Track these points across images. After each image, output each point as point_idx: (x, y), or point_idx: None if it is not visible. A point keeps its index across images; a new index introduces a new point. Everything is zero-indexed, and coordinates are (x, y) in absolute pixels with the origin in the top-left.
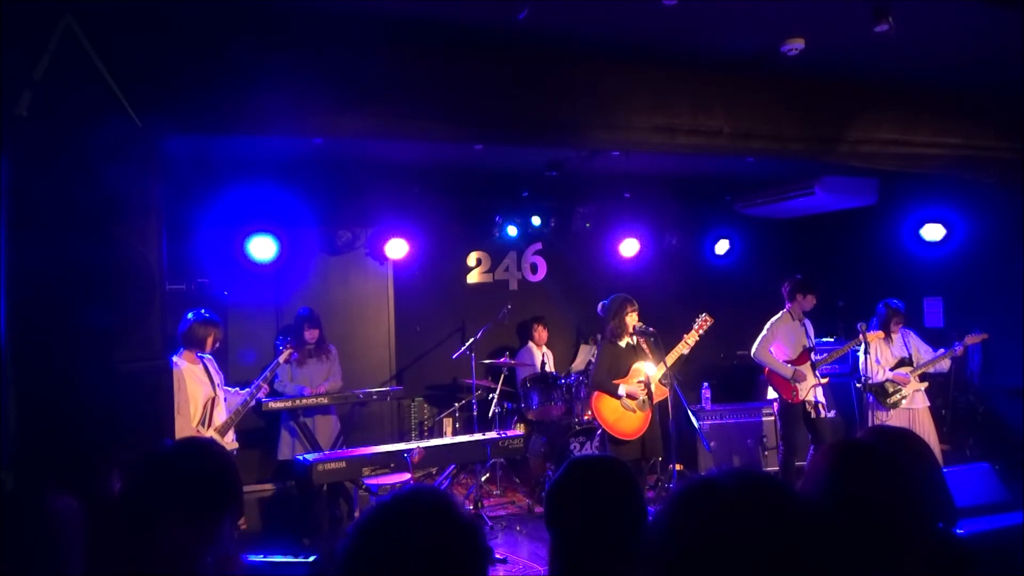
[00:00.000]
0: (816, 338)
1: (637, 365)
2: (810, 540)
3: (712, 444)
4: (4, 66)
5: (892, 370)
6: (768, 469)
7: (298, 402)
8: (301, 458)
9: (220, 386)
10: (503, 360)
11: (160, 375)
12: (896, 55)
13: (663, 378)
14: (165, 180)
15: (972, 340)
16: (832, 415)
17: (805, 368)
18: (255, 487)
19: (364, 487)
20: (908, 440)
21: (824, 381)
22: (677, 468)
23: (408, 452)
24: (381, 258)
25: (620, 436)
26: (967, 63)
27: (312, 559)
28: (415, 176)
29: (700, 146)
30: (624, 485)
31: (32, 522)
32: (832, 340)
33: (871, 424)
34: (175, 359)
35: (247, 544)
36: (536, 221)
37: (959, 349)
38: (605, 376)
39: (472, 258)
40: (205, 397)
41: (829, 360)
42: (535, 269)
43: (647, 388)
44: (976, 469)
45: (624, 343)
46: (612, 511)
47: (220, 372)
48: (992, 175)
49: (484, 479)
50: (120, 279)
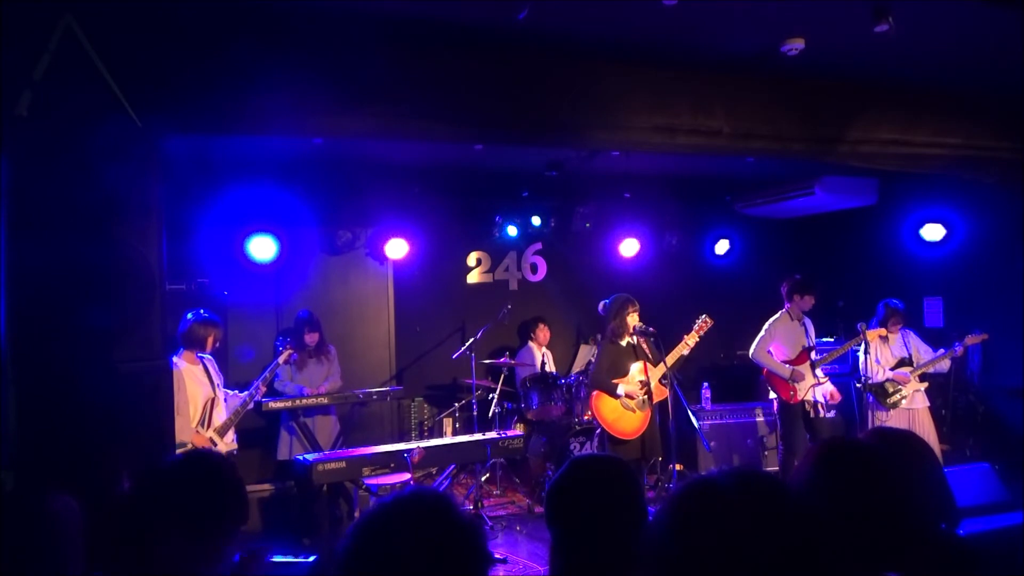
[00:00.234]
0: (816, 338)
1: (634, 365)
2: (810, 540)
3: (712, 444)
4: (4, 66)
5: (892, 370)
6: (768, 469)
7: (298, 402)
8: (301, 458)
9: (220, 386)
10: (503, 360)
11: (160, 375)
12: (896, 55)
13: (663, 378)
14: (165, 180)
15: (972, 340)
16: (832, 415)
17: (804, 368)
18: (255, 487)
19: (364, 487)
20: (909, 441)
21: (824, 381)
22: (677, 468)
23: (408, 452)
24: (381, 258)
25: (620, 436)
26: (967, 63)
27: (312, 559)
28: (415, 176)
29: (700, 146)
30: (625, 485)
31: (32, 522)
32: (832, 340)
33: (871, 424)
34: (175, 359)
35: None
36: (536, 221)
37: (959, 350)
38: (605, 376)
39: (472, 258)
40: (205, 398)
41: (828, 359)
42: (535, 269)
43: (646, 388)
44: (976, 469)
45: (625, 343)
46: (613, 510)
47: (220, 373)
48: (992, 175)
49: (484, 479)
50: (120, 279)
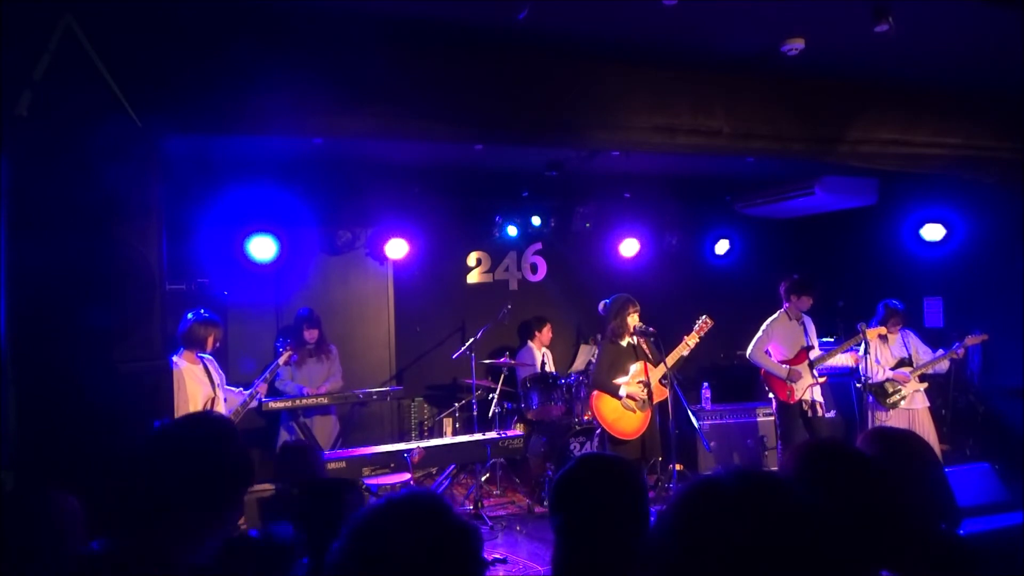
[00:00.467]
0: (817, 337)
1: (634, 366)
2: (814, 539)
3: (712, 444)
4: (4, 66)
5: (892, 370)
6: (768, 469)
7: (298, 402)
8: None
9: (220, 386)
10: (503, 360)
11: (160, 375)
12: (896, 55)
13: (663, 378)
14: (165, 180)
15: (972, 341)
16: (832, 415)
17: (802, 368)
18: (255, 487)
19: (364, 487)
20: (910, 441)
21: (822, 380)
22: (677, 468)
23: (408, 452)
24: (381, 258)
25: (620, 436)
26: (967, 63)
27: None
28: (415, 176)
29: (700, 146)
30: (631, 485)
31: (34, 521)
32: (832, 340)
33: (871, 424)
34: (175, 359)
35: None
36: (536, 221)
37: (959, 350)
38: (605, 376)
39: (472, 258)
40: (205, 397)
41: (827, 359)
42: (535, 269)
43: (647, 388)
44: (976, 469)
45: (625, 343)
46: (616, 507)
47: (221, 372)
48: (992, 175)
49: (484, 479)
50: (120, 279)
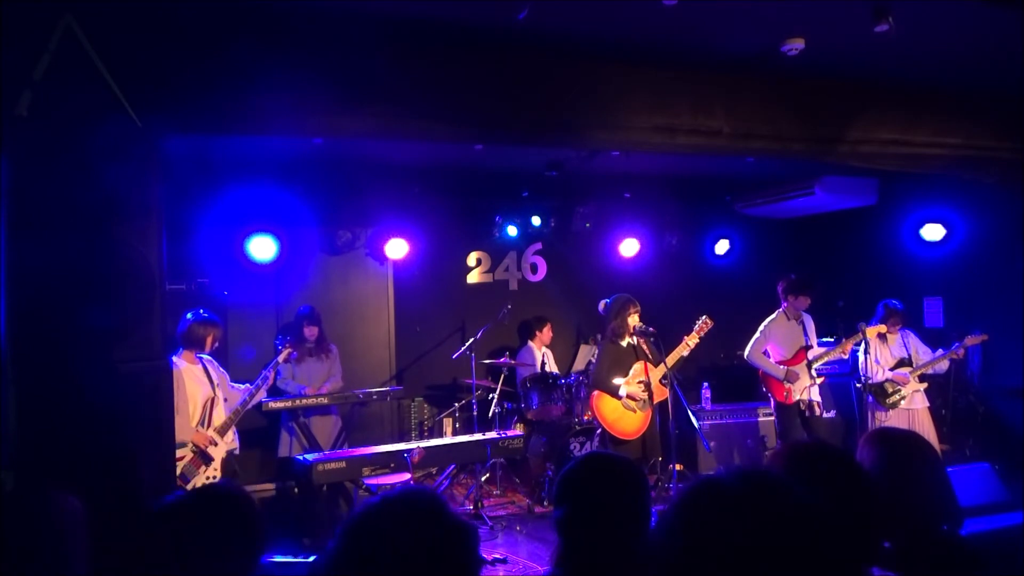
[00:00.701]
0: (816, 337)
1: (634, 366)
2: (814, 540)
3: (712, 444)
4: (4, 66)
5: (891, 370)
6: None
7: (298, 402)
8: (301, 458)
9: (220, 386)
10: (503, 360)
11: (160, 375)
12: (896, 55)
13: (663, 378)
14: (165, 180)
15: (972, 341)
16: (832, 415)
17: (800, 368)
18: (256, 487)
19: (364, 487)
20: (912, 443)
21: (820, 380)
22: (677, 468)
23: (408, 452)
24: (381, 258)
25: (620, 436)
26: (967, 63)
27: (312, 559)
28: (415, 176)
29: (700, 146)
30: (633, 484)
31: (35, 522)
32: (832, 340)
33: (871, 424)
34: (174, 359)
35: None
36: (536, 221)
37: (959, 350)
38: (606, 375)
39: (472, 258)
40: (204, 397)
41: (825, 359)
42: (535, 269)
43: (647, 388)
44: (976, 469)
45: (625, 343)
46: (618, 505)
47: (221, 372)
48: (992, 175)
49: (484, 479)
50: (120, 279)
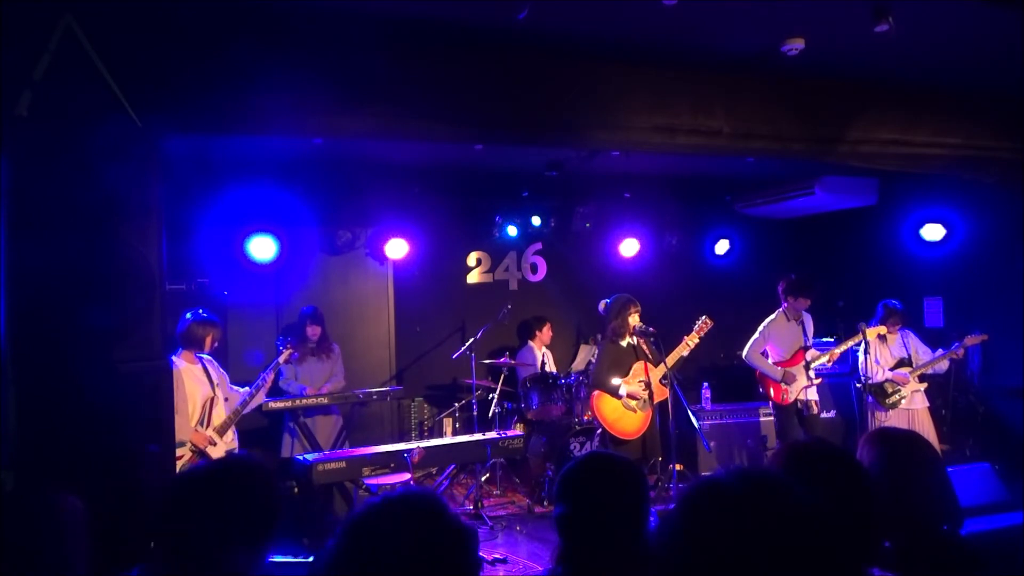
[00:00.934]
0: (816, 338)
1: (634, 366)
2: (816, 540)
3: (712, 444)
4: (4, 66)
5: (891, 370)
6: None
7: (298, 402)
8: (301, 458)
9: (220, 386)
10: (503, 360)
11: (160, 375)
12: (896, 55)
13: (663, 378)
14: (165, 180)
15: (972, 341)
16: (832, 415)
17: (797, 369)
18: None
19: (364, 487)
20: (913, 443)
21: (817, 381)
22: (677, 468)
23: (408, 452)
24: (381, 258)
25: (621, 436)
26: (967, 63)
27: (312, 559)
28: (415, 176)
29: (700, 146)
30: (633, 485)
31: (36, 522)
32: (832, 340)
33: (871, 424)
34: (173, 359)
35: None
36: (536, 221)
37: (958, 350)
38: (606, 375)
39: (472, 258)
40: (204, 397)
41: (824, 359)
42: (535, 269)
43: (647, 387)
44: (976, 469)
45: (625, 343)
46: (617, 505)
47: (221, 372)
48: (992, 175)
49: (484, 479)
50: (120, 279)
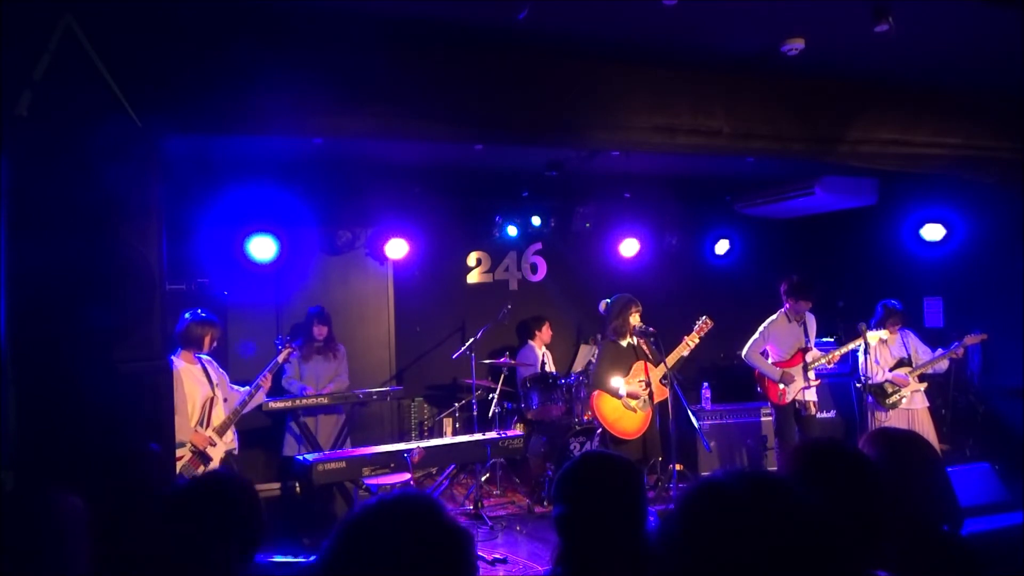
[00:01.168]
0: (817, 338)
1: (634, 366)
2: (817, 540)
3: (712, 444)
4: (4, 66)
5: (891, 371)
6: (769, 469)
7: (299, 402)
8: (301, 458)
9: (220, 386)
10: (503, 360)
11: (160, 375)
12: (896, 55)
13: (663, 378)
14: (165, 180)
15: (971, 340)
16: (831, 415)
17: (796, 370)
18: (260, 487)
19: (364, 487)
20: (914, 443)
21: (816, 383)
22: (677, 468)
23: (408, 452)
24: (381, 258)
25: (621, 435)
26: (967, 63)
27: (312, 559)
28: (415, 176)
29: (700, 146)
30: (630, 484)
31: (37, 522)
32: (832, 340)
33: (871, 424)
34: (173, 359)
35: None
36: (536, 221)
37: (958, 350)
38: (606, 375)
39: (472, 258)
40: (203, 397)
41: (822, 361)
42: (535, 269)
43: (648, 387)
44: (976, 469)
45: (625, 343)
46: (615, 504)
47: (220, 372)
48: (992, 175)
49: (484, 479)
50: (120, 279)
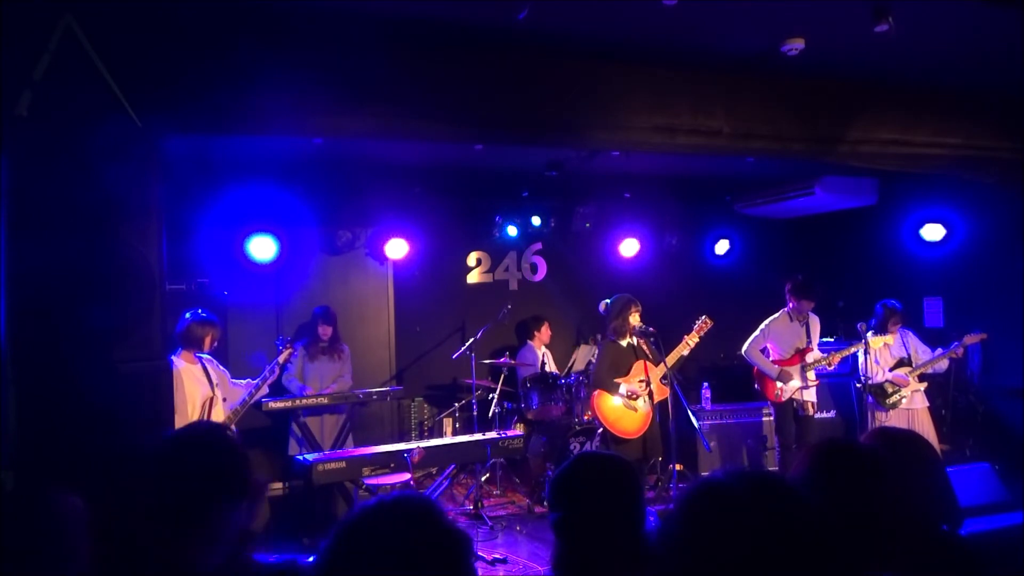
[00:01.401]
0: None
1: (634, 365)
2: (821, 541)
3: (712, 444)
4: (4, 66)
5: (891, 371)
6: (769, 469)
7: (299, 402)
8: (301, 458)
9: (220, 385)
10: (503, 360)
11: (160, 375)
12: (896, 55)
13: (663, 378)
14: (165, 180)
15: (971, 340)
16: (831, 415)
17: (794, 370)
18: None
19: (364, 487)
20: (913, 443)
21: (815, 383)
22: (677, 468)
23: (408, 452)
24: (381, 258)
25: (621, 435)
26: (967, 63)
27: (312, 559)
28: (415, 176)
29: (700, 146)
30: (627, 484)
31: (36, 521)
32: (832, 340)
33: (871, 424)
34: (173, 359)
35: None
36: (536, 221)
37: (958, 350)
38: (606, 375)
39: (472, 258)
40: (203, 397)
41: (822, 362)
42: (535, 269)
43: (648, 387)
44: (976, 469)
45: (625, 343)
46: (612, 505)
47: (221, 371)
48: (992, 175)
49: (484, 479)
50: (120, 279)
